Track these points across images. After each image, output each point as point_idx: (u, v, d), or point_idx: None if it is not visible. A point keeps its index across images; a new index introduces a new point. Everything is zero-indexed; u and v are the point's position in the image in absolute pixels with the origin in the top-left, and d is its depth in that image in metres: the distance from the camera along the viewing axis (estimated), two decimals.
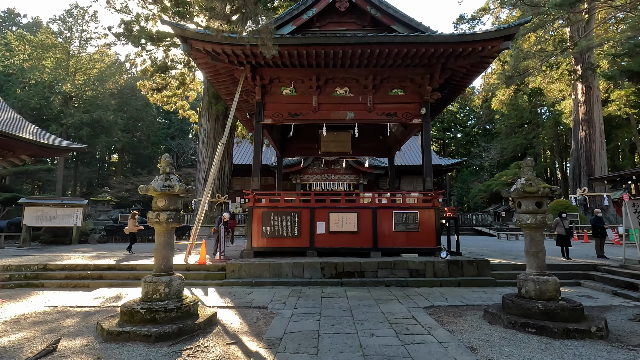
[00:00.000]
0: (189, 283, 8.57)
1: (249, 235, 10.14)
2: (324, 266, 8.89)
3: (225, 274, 8.94)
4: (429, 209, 10.16)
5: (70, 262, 9.57)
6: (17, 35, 33.91)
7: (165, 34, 20.67)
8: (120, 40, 22.51)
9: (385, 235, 10.01)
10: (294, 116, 11.37)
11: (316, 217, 10.12)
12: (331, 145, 16.22)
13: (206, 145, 24.78)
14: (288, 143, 16.50)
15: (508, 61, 21.30)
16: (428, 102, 11.16)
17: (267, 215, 10.17)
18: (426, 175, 10.82)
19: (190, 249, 9.67)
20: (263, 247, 10.11)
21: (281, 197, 10.41)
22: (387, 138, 16.01)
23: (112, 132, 35.88)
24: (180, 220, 5.61)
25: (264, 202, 10.47)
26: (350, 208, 10.22)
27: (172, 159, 5.97)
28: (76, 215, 17.25)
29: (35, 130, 15.49)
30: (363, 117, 11.32)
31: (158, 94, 25.03)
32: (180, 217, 5.56)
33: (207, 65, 11.01)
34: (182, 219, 5.61)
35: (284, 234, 10.07)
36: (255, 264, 8.96)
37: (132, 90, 38.47)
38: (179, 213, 5.53)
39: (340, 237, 10.03)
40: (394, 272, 8.88)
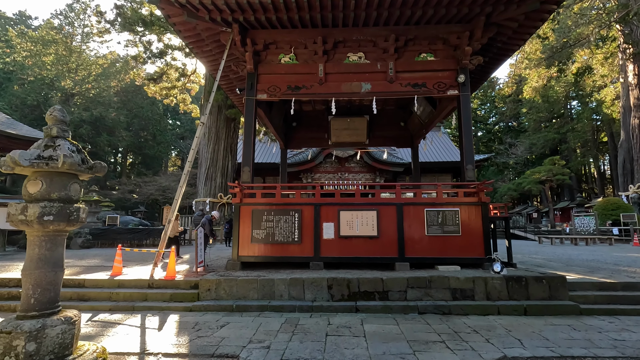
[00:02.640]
0: (147, 307, 6.27)
1: (235, 241, 7.80)
2: (333, 284, 6.45)
3: (199, 293, 6.60)
4: (473, 205, 7.58)
5: (1, 276, 7.42)
6: (18, 32, 32.84)
7: (158, 17, 18.72)
8: (113, 27, 20.76)
9: (415, 241, 7.50)
10: (295, 90, 9.01)
11: (322, 217, 7.70)
12: (344, 134, 13.78)
13: (207, 141, 22.71)
14: (293, 132, 14.17)
15: (550, 37, 18.51)
16: (467, 68, 8.63)
17: (259, 214, 7.81)
18: (466, 162, 8.25)
19: (157, 259, 7.38)
20: (253, 255, 7.74)
21: (277, 190, 8.04)
22: (409, 124, 13.48)
23: (114, 130, 34.42)
24: (78, 219, 3.26)
25: (255, 198, 8.11)
26: (367, 205, 7.75)
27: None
28: None
29: (4, 120, 13.63)
30: (383, 90, 8.86)
31: (156, 86, 23.13)
32: (75, 214, 3.22)
33: (185, 27, 8.77)
34: (79, 217, 3.25)
35: (280, 239, 7.69)
36: (239, 281, 6.58)
37: (136, 87, 37.02)
38: (70, 206, 3.18)
39: (354, 243, 7.58)
40: (430, 293, 6.35)
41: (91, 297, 6.68)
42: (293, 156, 25.59)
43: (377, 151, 25.02)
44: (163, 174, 38.30)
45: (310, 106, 13.57)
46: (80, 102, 31.81)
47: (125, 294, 6.64)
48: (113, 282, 7.03)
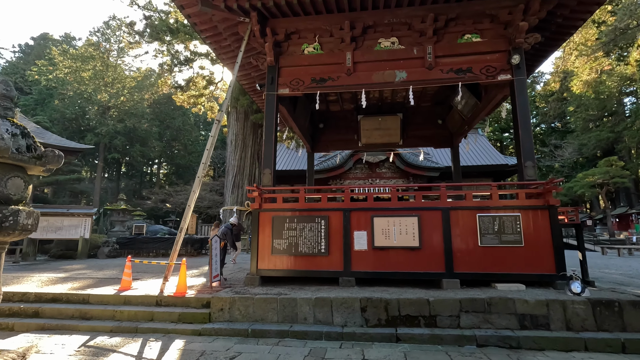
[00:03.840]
0: (151, 329, 5.42)
1: (254, 252, 6.86)
2: (367, 305, 5.31)
3: (210, 313, 5.69)
4: (539, 209, 6.20)
5: (6, 289, 6.90)
6: (61, 51, 34.58)
7: (184, 24, 18.64)
8: (143, 37, 21.01)
9: (466, 253, 6.21)
10: (320, 82, 8.06)
11: (353, 225, 6.60)
12: (375, 134, 12.67)
13: (234, 148, 22.32)
14: (320, 135, 13.23)
15: (608, 21, 16.46)
16: (521, 47, 7.31)
17: (281, 221, 6.85)
18: (525, 158, 6.87)
19: (168, 272, 6.58)
20: (274, 269, 6.76)
21: (300, 194, 7.05)
22: (448, 121, 12.14)
23: (147, 141, 35.16)
24: (15, 226, 2.40)
25: (276, 204, 7.16)
26: (406, 210, 6.56)
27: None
28: (84, 225, 15.21)
29: (33, 129, 13.70)
30: (420, 78, 7.71)
31: (184, 94, 23.14)
32: (11, 219, 2.36)
33: (200, 19, 8.13)
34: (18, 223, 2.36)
35: (304, 251, 6.67)
36: (256, 300, 5.61)
37: (168, 99, 37.85)
38: (4, 208, 2.33)
39: (391, 255, 6.41)
40: (490, 319, 5.06)
41: (94, 316, 5.96)
42: (321, 162, 24.64)
43: (410, 155, 23.59)
44: (193, 183, 38.44)
45: (337, 105, 12.58)
46: (116, 115, 32.79)
47: (130, 313, 5.86)
48: (119, 298, 6.29)
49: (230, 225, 8.64)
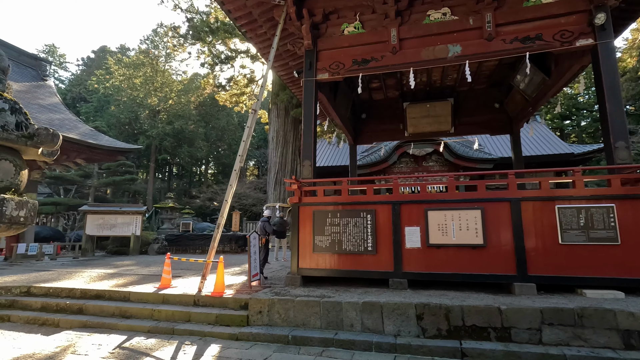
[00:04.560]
0: (187, 331, 5.10)
1: (295, 250, 6.35)
2: (424, 312, 4.55)
3: (248, 316, 5.25)
4: (638, 198, 5.01)
5: (56, 285, 7.02)
6: (116, 60, 36.89)
7: (224, 23, 18.76)
8: (186, 40, 21.55)
9: (542, 252, 5.19)
10: (362, 64, 7.34)
11: (404, 219, 5.84)
12: (423, 122, 11.67)
13: (276, 145, 22.20)
14: (363, 125, 12.48)
15: None
16: (606, 4, 6.05)
17: (322, 217, 6.26)
18: (615, 138, 5.65)
19: (206, 270, 6.27)
20: (316, 268, 6.20)
21: (343, 186, 6.40)
22: (508, 104, 10.82)
23: (194, 142, 36.42)
24: (1, 218, 2.01)
25: (317, 197, 6.58)
26: (467, 202, 5.66)
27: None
28: (135, 223, 15.79)
29: (88, 132, 14.39)
30: (478, 51, 6.71)
31: (226, 94, 23.46)
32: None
33: (234, 5, 7.75)
34: (3, 213, 1.97)
35: (349, 249, 6.03)
36: (297, 302, 5.07)
37: (213, 101, 38.97)
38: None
39: (449, 254, 5.56)
40: (583, 335, 4.07)
41: (133, 314, 5.79)
42: (363, 157, 23.80)
43: (460, 146, 21.99)
44: (239, 182, 39.53)
45: (381, 93, 11.75)
46: (165, 118, 34.34)
47: (168, 313, 5.60)
48: (158, 296, 6.09)
49: (266, 218, 8.18)
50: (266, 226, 7.75)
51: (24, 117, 2.10)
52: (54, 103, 15.16)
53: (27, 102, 13.39)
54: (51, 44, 54.13)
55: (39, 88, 15.47)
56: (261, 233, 7.58)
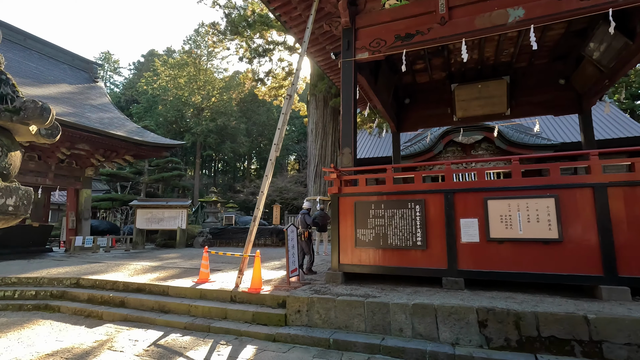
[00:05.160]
0: (223, 329, 4.83)
1: (335, 244, 5.87)
2: (488, 318, 3.87)
3: (286, 315, 4.87)
4: None
5: (102, 277, 7.14)
6: (162, 61, 38.58)
7: (260, 15, 18.61)
8: (225, 36, 21.76)
9: (637, 249, 4.24)
10: (406, 39, 6.62)
11: (459, 210, 5.12)
12: (473, 105, 10.63)
13: (315, 137, 21.81)
14: (406, 111, 11.66)
15: None
16: None
17: (364, 208, 5.71)
18: None
19: (243, 265, 6.00)
20: (358, 264, 5.67)
21: (387, 174, 5.78)
22: (576, 79, 9.46)
23: (236, 138, 37.20)
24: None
25: (358, 187, 6.03)
26: (537, 189, 4.80)
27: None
28: (181, 217, 16.24)
29: (134, 129, 14.91)
30: (546, 12, 5.73)
31: (265, 88, 23.46)
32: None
33: None
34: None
35: (395, 243, 5.43)
36: (338, 302, 4.59)
37: (253, 97, 39.52)
38: None
39: (515, 250, 4.77)
40: None
41: (171, 309, 5.65)
42: (406, 147, 22.70)
43: (513, 132, 20.19)
44: (280, 176, 39.98)
45: (426, 75, 10.84)
46: (208, 115, 35.38)
47: (204, 309, 5.39)
48: (195, 291, 5.91)
49: (306, 210, 7.70)
50: (306, 218, 7.32)
51: (11, 89, 1.81)
52: (104, 103, 15.95)
53: (80, 103, 14.16)
54: (106, 51, 57.99)
55: (91, 89, 16.37)
56: (302, 226, 7.16)
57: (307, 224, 7.21)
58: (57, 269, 8.60)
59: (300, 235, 7.02)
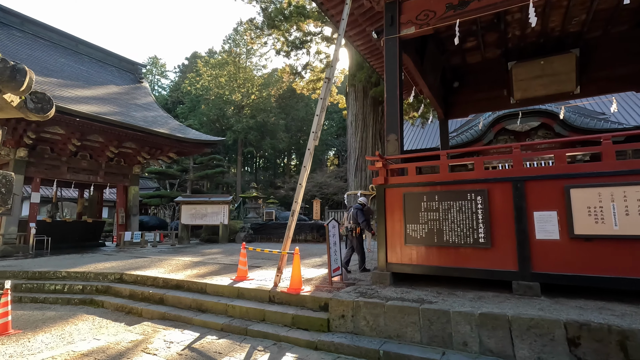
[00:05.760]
0: (261, 333, 4.45)
1: (382, 241, 5.25)
2: (581, 336, 3.09)
3: (329, 320, 4.37)
4: None
5: (144, 273, 7.10)
6: (204, 62, 39.73)
7: (296, 7, 18.22)
8: (262, 31, 21.70)
9: None
10: (460, 7, 5.81)
11: (531, 202, 4.29)
12: (535, 85, 9.43)
13: (355, 129, 21.13)
14: (455, 96, 10.67)
15: None
16: None
17: (415, 200, 5.04)
18: None
19: (282, 263, 5.59)
20: (409, 264, 5.02)
21: (441, 161, 5.05)
22: None
23: (276, 134, 37.44)
24: None
25: (408, 177, 5.35)
26: (638, 173, 3.87)
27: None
28: (223, 212, 16.39)
29: (177, 126, 15.19)
30: None
31: (302, 82, 23.13)
32: None
33: None
34: None
35: (452, 240, 4.71)
36: (389, 307, 4.01)
37: (292, 92, 39.52)
38: None
39: (609, 249, 3.88)
40: None
41: (208, 308, 5.39)
42: (452, 138, 21.27)
43: (575, 116, 18.16)
44: (319, 171, 39.75)
45: (477, 54, 9.79)
46: (248, 112, 35.92)
47: (242, 310, 5.05)
48: (233, 290, 5.61)
49: (360, 205, 7.07)
50: (358, 214, 6.70)
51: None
52: (148, 102, 16.47)
53: (125, 102, 14.69)
54: (154, 56, 60.95)
55: (136, 90, 16.98)
56: (353, 222, 6.62)
57: (362, 221, 6.58)
58: (104, 263, 8.80)
59: (351, 231, 6.52)
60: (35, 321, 5.54)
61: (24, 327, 5.21)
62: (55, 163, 12.48)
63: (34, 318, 5.73)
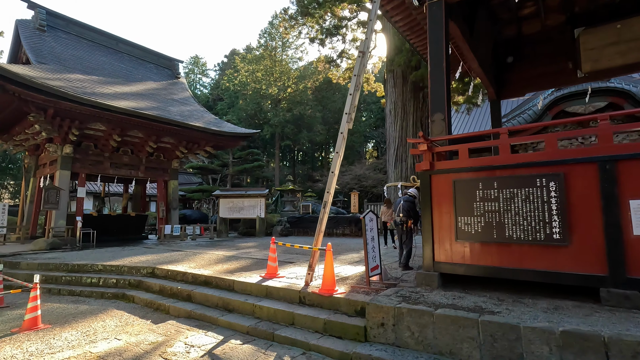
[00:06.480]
0: (289, 340, 3.94)
1: (428, 236, 4.51)
2: None
3: (366, 328, 3.75)
4: None
5: (174, 268, 6.88)
6: (241, 58, 40.17)
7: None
8: (296, 20, 21.24)
9: None
10: None
11: (626, 188, 3.36)
12: (608, 53, 8.05)
13: (394, 118, 20.08)
14: (509, 72, 9.50)
15: None
16: None
17: (468, 188, 4.24)
18: None
19: (314, 260, 5.03)
20: (461, 264, 4.24)
21: (501, 141, 4.19)
22: None
23: (312, 126, 37.04)
24: None
25: (459, 160, 4.53)
26: None
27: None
28: (259, 206, 16.23)
29: (212, 120, 15.17)
30: None
31: (339, 71, 22.42)
32: None
33: None
34: None
35: (516, 236, 3.87)
36: (438, 318, 3.31)
37: (328, 84, 38.85)
38: None
39: None
40: None
41: (235, 308, 4.98)
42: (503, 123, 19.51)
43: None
44: (358, 163, 38.90)
45: (536, 23, 8.54)
46: (285, 106, 35.82)
47: (269, 311, 4.57)
48: (261, 288, 5.16)
49: (411, 197, 6.23)
50: (411, 207, 5.98)
51: None
52: (185, 97, 16.66)
53: (163, 98, 14.90)
54: (195, 56, 62.89)
55: (174, 85, 17.26)
56: (403, 214, 5.93)
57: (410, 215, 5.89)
58: (140, 257, 8.81)
59: (401, 224, 5.89)
60: (67, 315, 5.46)
61: (54, 322, 5.12)
62: (98, 159, 12.91)
63: (66, 312, 5.68)
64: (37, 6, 13.94)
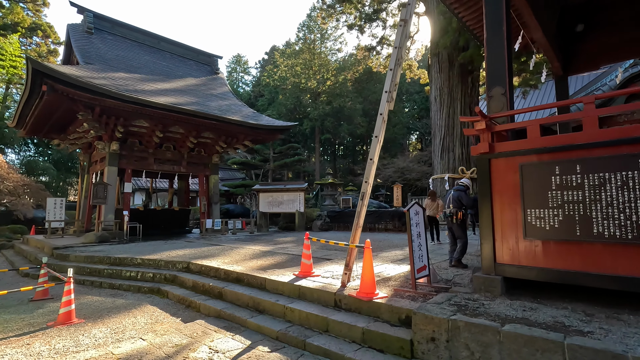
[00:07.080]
0: (321, 351, 3.44)
1: (487, 232, 3.76)
2: None
3: (412, 342, 3.13)
4: None
5: (208, 263, 6.66)
6: (280, 53, 40.25)
7: None
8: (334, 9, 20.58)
9: None
10: None
11: None
12: None
13: (440, 105, 18.78)
14: (578, 43, 8.21)
15: None
16: None
17: (540, 173, 3.43)
18: None
19: (351, 259, 4.47)
20: (531, 267, 3.45)
21: (585, 112, 3.32)
22: None
23: (353, 119, 36.21)
24: None
25: (525, 141, 3.70)
26: None
27: None
28: (299, 200, 15.93)
29: (250, 114, 15.05)
30: None
31: (379, 59, 21.44)
32: None
33: None
34: None
35: (609, 233, 3.02)
36: (506, 336, 2.61)
37: (369, 75, 37.74)
38: None
39: None
40: None
41: (265, 309, 4.58)
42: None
43: None
44: (400, 156, 37.55)
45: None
46: (324, 99, 35.33)
47: (302, 315, 4.10)
48: (293, 288, 4.70)
49: (463, 187, 5.54)
50: (462, 197, 5.29)
51: None
52: (223, 92, 16.75)
53: (203, 93, 15.05)
54: (237, 54, 64.38)
55: (213, 81, 17.44)
56: (454, 206, 5.31)
57: (463, 205, 5.30)
58: (178, 251, 8.79)
59: (451, 216, 5.38)
60: (102, 310, 5.40)
61: (89, 316, 5.06)
62: (143, 155, 13.29)
63: (103, 306, 5.64)
64: (86, 10, 14.64)
